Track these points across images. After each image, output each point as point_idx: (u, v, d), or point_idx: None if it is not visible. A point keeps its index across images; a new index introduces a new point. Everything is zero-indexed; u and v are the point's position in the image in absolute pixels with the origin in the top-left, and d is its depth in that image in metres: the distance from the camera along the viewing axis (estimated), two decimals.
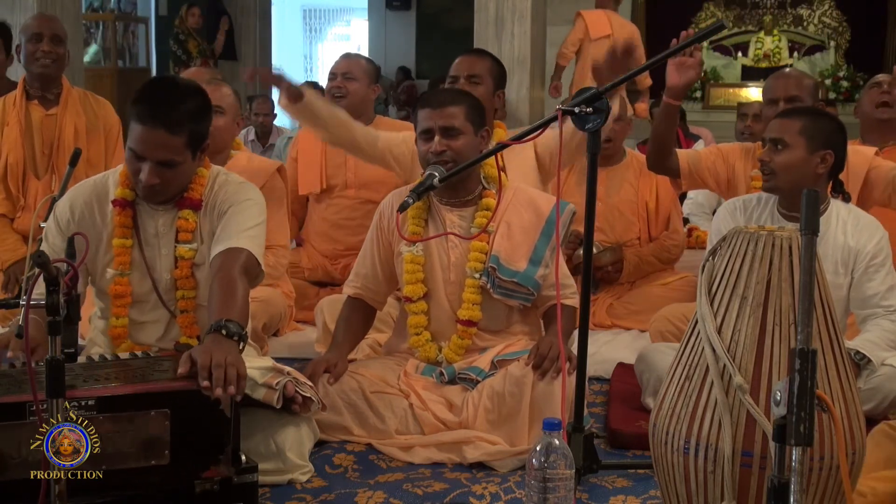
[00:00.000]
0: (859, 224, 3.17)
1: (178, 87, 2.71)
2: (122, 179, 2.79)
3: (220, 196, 2.78)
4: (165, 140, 2.60)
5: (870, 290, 3.12)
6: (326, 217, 4.41)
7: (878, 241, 3.14)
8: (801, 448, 1.53)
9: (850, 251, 3.14)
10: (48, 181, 4.28)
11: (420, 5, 13.49)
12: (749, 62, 10.54)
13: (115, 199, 2.78)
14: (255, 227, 2.74)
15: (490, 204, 3.04)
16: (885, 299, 3.11)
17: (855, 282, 3.14)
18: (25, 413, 2.10)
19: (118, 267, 2.78)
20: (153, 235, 2.80)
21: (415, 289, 3.04)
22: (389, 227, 3.11)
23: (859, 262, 3.13)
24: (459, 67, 3.83)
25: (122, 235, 2.77)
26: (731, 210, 3.29)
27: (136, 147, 2.61)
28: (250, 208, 2.76)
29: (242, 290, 2.56)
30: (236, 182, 2.84)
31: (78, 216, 2.79)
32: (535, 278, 3.01)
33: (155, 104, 2.60)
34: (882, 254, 3.13)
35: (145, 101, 2.62)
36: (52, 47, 4.23)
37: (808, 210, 1.68)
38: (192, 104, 2.65)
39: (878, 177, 3.61)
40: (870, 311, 3.14)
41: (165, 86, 2.75)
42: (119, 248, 2.77)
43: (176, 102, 2.62)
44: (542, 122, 2.69)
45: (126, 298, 2.81)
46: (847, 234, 3.15)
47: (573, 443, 2.51)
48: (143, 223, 2.80)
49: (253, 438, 2.58)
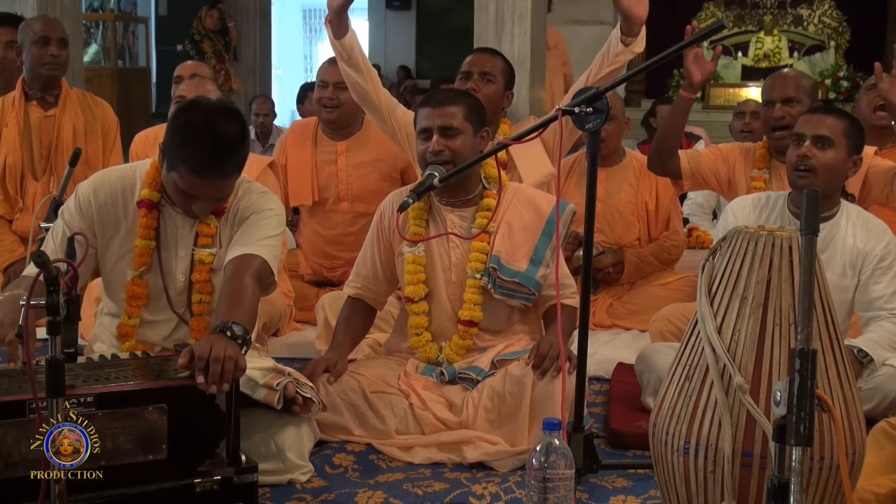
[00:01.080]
0: (868, 227, 3.17)
1: (221, 127, 2.57)
2: (148, 181, 2.78)
3: (242, 203, 2.79)
4: (222, 184, 2.63)
5: (875, 292, 3.13)
6: (321, 233, 4.30)
7: (886, 244, 3.15)
8: (801, 448, 1.53)
9: (858, 254, 3.14)
10: (46, 182, 4.28)
11: (420, 5, 13.47)
12: (749, 62, 10.54)
13: (141, 201, 2.77)
14: (273, 237, 2.75)
15: (491, 204, 3.04)
16: (890, 302, 3.12)
17: (861, 284, 3.15)
18: (26, 411, 2.10)
19: (139, 268, 2.78)
20: (172, 237, 2.80)
21: (416, 289, 3.03)
22: (390, 227, 3.11)
23: (867, 265, 3.14)
24: (473, 64, 3.79)
25: (146, 237, 2.77)
26: (741, 208, 3.27)
27: (191, 191, 2.61)
28: (270, 218, 2.77)
29: (252, 296, 2.56)
30: (258, 191, 2.84)
31: (101, 202, 2.78)
32: (535, 278, 3.01)
33: (207, 158, 2.54)
34: (890, 257, 3.14)
35: (194, 154, 2.54)
36: (60, 50, 4.23)
37: (808, 210, 1.68)
38: (237, 141, 2.59)
39: (876, 175, 3.62)
40: (874, 314, 3.14)
41: (210, 132, 2.55)
42: (142, 249, 2.77)
43: (228, 152, 2.57)
44: (542, 122, 2.70)
45: (142, 299, 2.81)
46: (856, 237, 3.15)
47: (573, 443, 2.52)
48: (164, 225, 2.80)
49: (253, 438, 2.58)
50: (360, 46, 3.62)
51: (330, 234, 4.28)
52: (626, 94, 9.09)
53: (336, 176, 4.21)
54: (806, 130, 3.12)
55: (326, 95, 4.13)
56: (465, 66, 3.81)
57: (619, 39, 3.52)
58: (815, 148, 3.09)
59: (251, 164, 3.83)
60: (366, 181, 4.18)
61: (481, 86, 3.71)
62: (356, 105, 3.95)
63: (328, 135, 4.27)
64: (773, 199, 3.27)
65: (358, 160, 4.21)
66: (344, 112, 4.13)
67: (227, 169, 2.59)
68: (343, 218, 4.23)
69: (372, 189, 4.15)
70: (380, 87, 3.70)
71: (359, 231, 4.11)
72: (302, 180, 4.24)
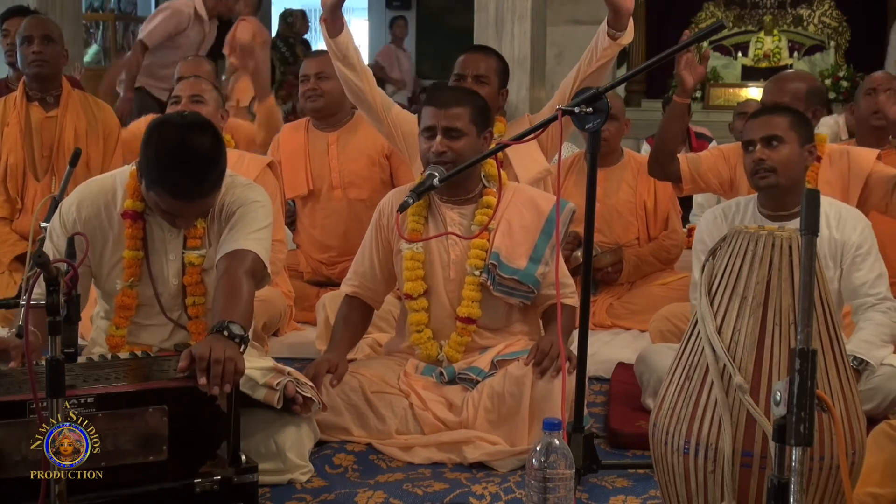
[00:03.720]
0: (842, 216, 3.20)
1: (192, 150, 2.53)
2: (130, 191, 2.77)
3: (227, 198, 2.78)
4: (204, 202, 2.63)
5: (858, 279, 3.15)
6: (315, 222, 4.34)
7: (861, 230, 3.18)
8: (801, 448, 1.53)
9: (836, 244, 3.16)
10: (47, 183, 4.27)
11: (420, 5, 13.46)
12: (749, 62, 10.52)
13: (125, 212, 2.76)
14: (262, 229, 2.74)
15: (491, 202, 3.04)
16: (874, 287, 3.14)
17: (843, 273, 3.17)
18: (26, 411, 2.10)
19: (128, 279, 2.77)
20: (161, 243, 2.79)
21: (415, 286, 3.03)
22: (389, 225, 3.11)
23: (846, 254, 3.16)
24: (466, 66, 3.78)
25: (133, 248, 2.76)
26: (711, 219, 3.31)
27: (172, 211, 2.60)
28: (257, 210, 2.76)
29: (247, 293, 2.56)
30: (242, 184, 2.83)
31: (84, 217, 2.77)
32: (535, 276, 3.01)
33: (186, 181, 2.52)
34: (867, 243, 3.17)
35: (171, 177, 2.52)
36: (43, 47, 4.22)
37: (808, 210, 1.68)
38: (212, 158, 2.57)
39: (878, 181, 3.62)
40: (860, 301, 3.17)
41: (183, 154, 2.53)
42: (130, 260, 2.76)
43: (204, 169, 2.55)
44: (542, 122, 2.70)
45: (130, 311, 2.81)
46: (832, 228, 3.18)
47: (573, 443, 2.52)
48: (151, 232, 2.79)
49: (253, 438, 2.58)
50: (354, 45, 3.62)
51: (325, 222, 4.32)
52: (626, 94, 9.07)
53: (328, 165, 4.26)
54: (754, 135, 3.15)
55: (309, 87, 4.21)
56: (458, 67, 3.79)
57: (606, 34, 3.53)
58: (767, 149, 3.11)
59: (250, 164, 3.85)
60: (356, 166, 4.23)
61: (476, 88, 3.70)
62: (340, 94, 3.98)
63: (319, 127, 4.34)
64: (743, 205, 3.29)
65: (348, 147, 4.28)
66: (328, 101, 4.19)
67: (205, 187, 2.58)
68: (337, 206, 4.28)
69: (362, 174, 4.23)
70: (375, 87, 3.70)
71: (352, 218, 4.19)
72: (296, 171, 4.30)
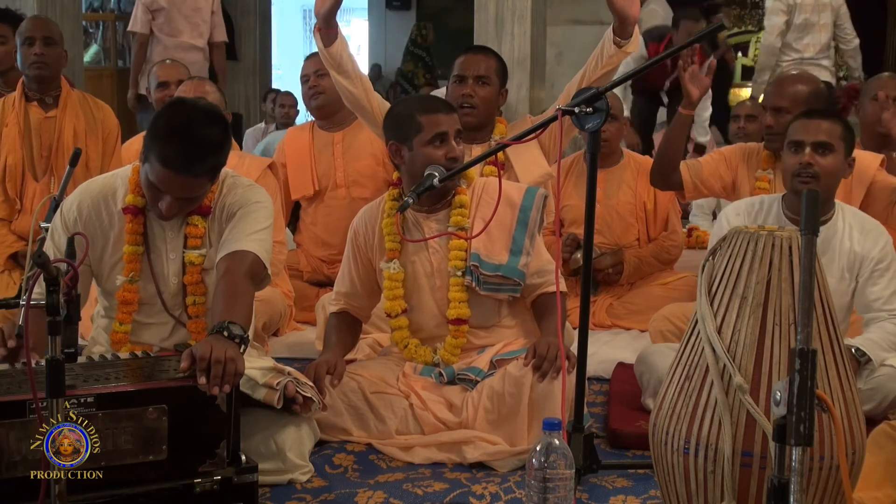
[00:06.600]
0: (864, 228, 3.16)
1: (198, 126, 2.57)
2: (131, 186, 2.77)
3: (228, 199, 2.78)
4: (190, 183, 2.60)
5: (873, 294, 3.11)
6: (318, 220, 4.36)
7: (882, 245, 3.14)
8: (801, 448, 1.53)
9: (855, 257, 3.13)
10: (46, 183, 4.27)
11: (420, 5, 13.46)
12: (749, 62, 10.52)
13: (126, 207, 2.77)
14: (263, 230, 2.73)
15: (465, 201, 3.04)
16: (889, 303, 3.10)
17: (859, 286, 3.14)
18: (26, 411, 2.10)
19: (129, 274, 2.77)
20: (161, 241, 2.79)
21: (393, 305, 3.04)
22: (367, 243, 3.13)
23: (864, 268, 3.12)
24: (466, 67, 3.77)
25: (133, 243, 2.76)
26: (735, 214, 3.25)
27: (159, 184, 2.59)
28: (258, 211, 2.76)
29: (247, 294, 2.56)
30: (244, 185, 2.83)
31: (85, 216, 2.78)
32: (518, 268, 3.01)
33: (178, 152, 2.53)
34: (887, 258, 3.13)
35: (167, 147, 2.53)
36: (44, 49, 4.22)
37: (808, 210, 1.68)
38: (213, 144, 2.58)
39: (881, 191, 3.61)
40: (873, 315, 3.13)
41: (186, 129, 2.56)
42: (130, 255, 2.76)
43: (200, 150, 2.55)
44: (542, 122, 2.70)
45: (133, 306, 2.81)
46: (853, 240, 3.14)
47: (573, 443, 2.51)
48: (151, 229, 2.79)
49: (253, 438, 2.58)
50: (349, 53, 3.61)
51: (327, 220, 4.34)
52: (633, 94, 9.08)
53: (333, 164, 4.29)
54: (805, 137, 3.09)
55: (309, 86, 4.27)
56: (457, 68, 3.79)
57: (612, 41, 3.52)
58: (817, 154, 3.07)
59: (251, 166, 3.86)
60: (360, 165, 4.25)
61: (477, 90, 3.71)
62: None
63: (324, 128, 4.38)
64: (768, 203, 3.25)
65: (353, 146, 4.30)
66: (329, 97, 4.21)
67: (196, 167, 2.56)
68: (340, 204, 4.29)
69: (367, 173, 4.25)
70: (371, 93, 3.70)
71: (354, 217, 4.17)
72: (302, 171, 4.33)
